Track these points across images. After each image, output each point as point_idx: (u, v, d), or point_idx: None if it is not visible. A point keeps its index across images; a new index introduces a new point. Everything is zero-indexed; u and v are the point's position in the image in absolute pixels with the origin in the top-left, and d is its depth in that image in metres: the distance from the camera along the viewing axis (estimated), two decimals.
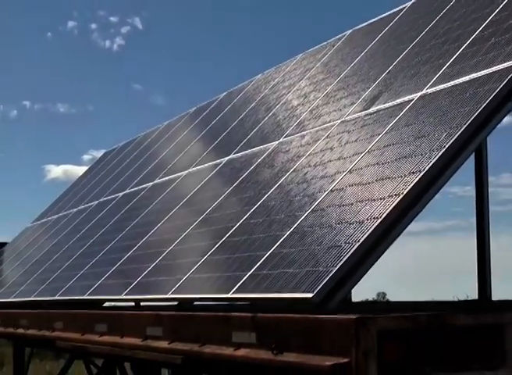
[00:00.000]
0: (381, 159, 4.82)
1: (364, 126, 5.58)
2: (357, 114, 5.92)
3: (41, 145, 76.68)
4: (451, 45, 5.64)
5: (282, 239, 4.81)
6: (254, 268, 4.73)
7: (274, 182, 5.97)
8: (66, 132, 77.55)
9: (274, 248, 4.77)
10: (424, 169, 4.28)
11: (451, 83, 5.09)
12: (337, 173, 5.15)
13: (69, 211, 12.06)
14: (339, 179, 5.04)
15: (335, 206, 4.71)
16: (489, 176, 5.63)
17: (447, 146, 4.33)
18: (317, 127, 6.42)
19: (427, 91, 5.27)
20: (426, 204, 4.27)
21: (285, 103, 7.88)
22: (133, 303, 7.06)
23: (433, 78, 5.38)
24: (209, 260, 5.52)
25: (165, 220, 7.38)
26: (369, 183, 4.64)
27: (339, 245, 4.19)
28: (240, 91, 9.94)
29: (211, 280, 5.18)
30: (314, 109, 6.92)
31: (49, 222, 12.69)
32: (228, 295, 4.74)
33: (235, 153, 7.66)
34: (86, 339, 6.36)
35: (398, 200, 4.17)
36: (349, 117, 6.02)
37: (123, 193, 10.12)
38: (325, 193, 4.99)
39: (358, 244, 4.05)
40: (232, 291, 4.71)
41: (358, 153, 5.18)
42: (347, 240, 4.17)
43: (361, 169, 4.92)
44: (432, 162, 4.28)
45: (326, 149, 5.76)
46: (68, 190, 14.36)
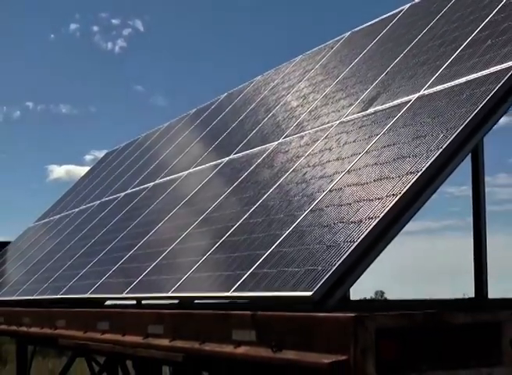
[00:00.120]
0: (379, 160, 4.82)
1: (363, 126, 5.58)
2: (356, 115, 5.92)
3: (44, 146, 76.74)
4: (448, 47, 5.64)
5: (281, 238, 4.81)
6: (254, 267, 4.73)
7: (273, 182, 5.96)
8: (69, 132, 77.59)
9: (273, 247, 4.77)
10: (421, 169, 4.28)
11: (448, 84, 5.09)
12: (336, 173, 5.14)
13: (72, 211, 12.05)
14: (337, 179, 5.03)
15: (333, 206, 4.71)
16: (486, 176, 5.64)
17: (444, 146, 4.33)
18: (316, 128, 6.42)
19: (424, 93, 5.27)
20: (423, 204, 4.27)
21: (284, 104, 7.88)
22: (135, 302, 7.06)
23: (430, 79, 5.38)
24: (209, 259, 5.52)
25: (166, 220, 7.37)
26: (367, 183, 4.64)
27: (337, 244, 4.19)
28: (240, 92, 9.94)
29: (211, 279, 5.18)
30: (313, 110, 6.92)
31: (51, 221, 12.69)
32: (228, 294, 4.74)
33: (235, 153, 7.66)
34: (88, 337, 6.36)
35: (396, 200, 4.17)
36: (347, 118, 6.02)
37: (125, 193, 10.12)
38: (324, 193, 4.99)
39: (356, 243, 4.05)
40: (232, 290, 4.71)
41: (356, 153, 5.18)
42: (346, 239, 4.17)
43: (360, 169, 4.92)
44: (430, 163, 4.28)
45: (325, 150, 5.76)
46: (70, 190, 14.36)
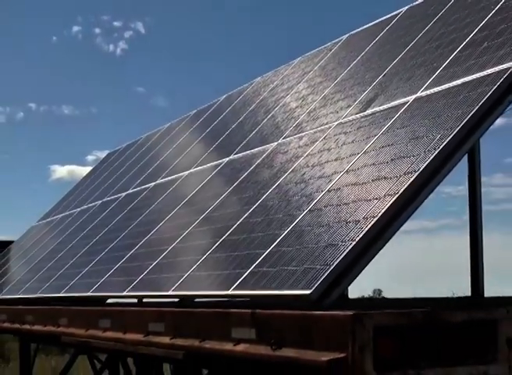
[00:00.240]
0: (377, 160, 4.82)
1: (361, 127, 5.58)
2: (354, 116, 5.92)
3: (46, 146, 76.79)
4: (445, 49, 5.64)
5: (280, 238, 4.81)
6: (254, 266, 4.73)
7: (273, 182, 5.96)
8: (71, 133, 77.63)
9: (273, 247, 4.77)
10: (418, 169, 4.28)
11: (445, 86, 5.08)
12: (334, 174, 5.14)
13: (74, 210, 12.05)
14: (336, 179, 5.03)
15: (332, 206, 4.70)
16: (482, 176, 5.64)
17: (441, 147, 4.33)
18: (314, 129, 6.41)
19: (421, 94, 5.27)
20: (421, 203, 4.26)
21: (283, 105, 7.88)
22: (136, 300, 7.05)
23: (427, 81, 5.38)
24: (210, 258, 5.52)
25: (167, 219, 7.37)
26: (365, 183, 4.64)
27: (336, 244, 4.18)
28: (240, 94, 9.94)
29: (211, 278, 5.17)
30: (311, 111, 6.92)
31: (54, 221, 12.68)
32: (228, 292, 4.74)
33: (235, 154, 7.66)
34: (90, 335, 6.36)
35: (393, 199, 4.17)
36: (346, 119, 6.02)
37: (126, 193, 10.11)
38: (323, 193, 4.99)
39: (355, 242, 4.05)
40: (232, 288, 4.70)
41: (355, 154, 5.18)
42: (344, 238, 4.17)
43: (358, 169, 4.92)
44: (427, 163, 4.28)
45: (324, 150, 5.75)
46: (72, 190, 14.35)
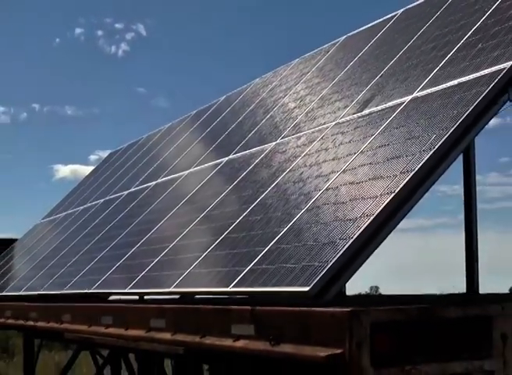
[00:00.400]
0: (373, 159, 4.82)
1: (358, 127, 5.57)
2: (351, 116, 5.91)
3: (50, 146, 76.71)
4: (440, 51, 5.63)
5: (279, 235, 4.81)
6: (253, 263, 4.72)
7: (271, 181, 5.96)
8: (74, 133, 77.53)
9: (271, 244, 4.76)
10: (414, 168, 4.27)
11: (440, 86, 5.08)
12: (332, 173, 5.14)
13: (76, 209, 12.04)
14: (333, 178, 5.03)
15: (330, 204, 4.70)
16: (477, 175, 5.63)
17: (436, 147, 4.32)
18: (312, 129, 6.41)
19: (417, 95, 5.26)
20: (416, 202, 4.26)
21: (282, 106, 7.88)
22: (137, 297, 7.04)
23: (423, 82, 5.37)
24: (210, 256, 5.51)
25: (168, 218, 7.37)
26: (362, 182, 4.63)
27: (333, 241, 4.18)
28: (239, 95, 9.93)
29: (211, 275, 5.17)
30: (309, 112, 6.91)
31: (57, 219, 12.68)
32: (228, 289, 4.73)
33: (234, 153, 7.65)
34: (92, 331, 6.35)
35: (390, 198, 4.17)
36: (343, 119, 6.01)
37: (128, 191, 10.11)
38: (321, 192, 4.98)
39: (352, 240, 4.04)
40: (231, 285, 4.70)
41: (352, 153, 5.17)
42: (342, 236, 4.16)
43: (355, 168, 4.91)
44: (422, 162, 4.28)
45: (321, 150, 5.75)
46: (75, 189, 14.34)
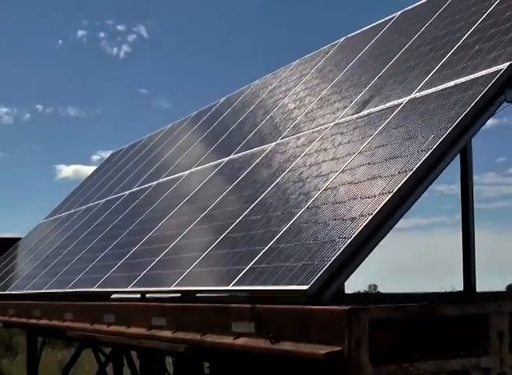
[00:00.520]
0: (372, 159, 4.81)
1: (356, 128, 5.57)
2: (350, 117, 5.91)
3: (52, 146, 76.70)
4: (438, 52, 5.63)
5: (279, 235, 4.81)
6: (253, 262, 4.72)
7: (271, 181, 5.96)
8: (76, 134, 77.51)
9: (271, 243, 4.76)
10: (412, 168, 4.27)
11: (438, 87, 5.08)
12: (331, 173, 5.14)
13: (79, 208, 12.04)
14: (332, 178, 5.03)
15: (329, 204, 4.70)
16: (474, 175, 5.64)
17: (434, 147, 4.32)
18: (312, 129, 6.41)
19: (415, 96, 5.26)
20: (414, 202, 4.26)
21: (281, 107, 7.87)
22: (139, 295, 7.04)
23: (421, 83, 5.37)
24: (210, 255, 5.51)
25: (169, 217, 7.36)
26: (361, 181, 4.63)
27: (332, 240, 4.18)
28: (239, 96, 9.93)
29: (212, 274, 5.17)
30: (309, 113, 6.91)
31: (60, 218, 12.68)
32: (228, 287, 4.73)
33: (234, 154, 7.65)
34: (95, 329, 6.35)
35: (388, 198, 4.17)
36: (342, 120, 6.01)
37: (129, 191, 10.11)
38: (320, 191, 4.98)
39: (351, 239, 4.04)
40: (232, 284, 4.70)
41: (351, 154, 5.17)
42: (341, 235, 4.16)
43: (353, 168, 4.91)
44: (420, 162, 4.28)
45: (320, 150, 5.75)
46: (77, 188, 14.35)
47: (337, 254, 4.00)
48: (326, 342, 3.49)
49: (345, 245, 4.03)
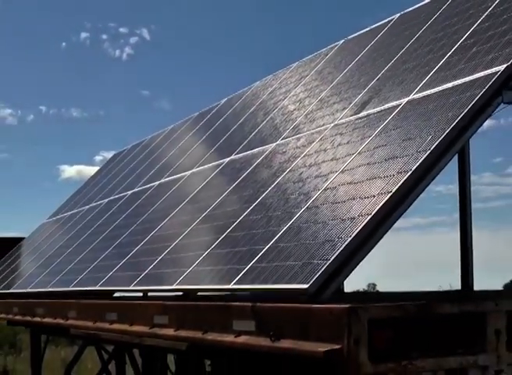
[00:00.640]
0: (371, 160, 4.81)
1: (356, 129, 5.57)
2: (349, 118, 5.91)
3: (56, 147, 76.73)
4: (436, 54, 5.63)
5: (279, 234, 4.80)
6: (253, 261, 4.72)
7: (272, 181, 5.95)
8: (79, 134, 77.48)
9: (272, 243, 4.76)
10: (411, 169, 4.27)
11: (436, 89, 5.08)
12: (330, 173, 5.13)
13: (82, 208, 12.04)
14: (332, 178, 5.03)
15: (328, 204, 4.70)
16: (471, 175, 5.64)
17: (432, 148, 4.32)
18: (311, 130, 6.41)
19: (414, 97, 5.26)
20: (413, 201, 4.26)
21: (282, 108, 7.87)
22: (141, 294, 7.05)
23: (419, 85, 5.37)
24: (211, 254, 5.51)
25: (171, 217, 7.36)
26: (360, 182, 4.63)
27: (332, 240, 4.18)
28: (240, 97, 9.93)
29: (213, 272, 5.17)
30: (308, 114, 6.91)
31: (63, 218, 12.68)
32: (229, 286, 4.73)
33: (235, 154, 7.65)
34: (97, 327, 6.35)
35: (387, 198, 4.16)
36: (341, 121, 6.01)
37: (132, 191, 10.11)
38: (319, 191, 4.98)
39: (350, 238, 4.04)
40: (232, 283, 4.70)
41: (350, 154, 5.17)
42: (340, 235, 4.16)
43: (353, 169, 4.91)
44: (419, 163, 4.27)
45: (320, 151, 5.75)
46: (81, 188, 14.34)
47: (336, 253, 4.00)
48: (326, 340, 3.49)
49: (344, 245, 4.03)
